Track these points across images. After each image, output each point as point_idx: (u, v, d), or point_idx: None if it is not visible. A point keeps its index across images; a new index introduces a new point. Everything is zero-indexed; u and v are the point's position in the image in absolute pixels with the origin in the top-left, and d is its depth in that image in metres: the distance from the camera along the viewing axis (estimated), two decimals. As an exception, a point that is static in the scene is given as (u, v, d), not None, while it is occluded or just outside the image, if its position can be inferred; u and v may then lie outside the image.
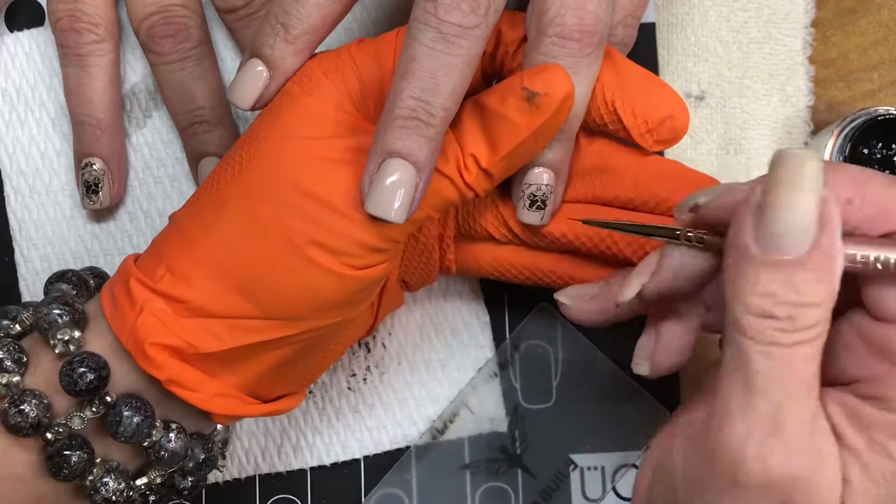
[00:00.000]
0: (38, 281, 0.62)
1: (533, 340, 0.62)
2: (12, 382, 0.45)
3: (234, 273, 0.46)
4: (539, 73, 0.45)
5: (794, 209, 0.38)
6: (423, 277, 0.56)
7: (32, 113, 0.62)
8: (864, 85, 0.64)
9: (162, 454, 0.47)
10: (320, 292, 0.46)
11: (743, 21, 0.64)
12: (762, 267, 0.39)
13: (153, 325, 0.46)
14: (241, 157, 0.47)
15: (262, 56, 0.49)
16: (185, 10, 0.59)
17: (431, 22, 0.43)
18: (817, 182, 0.38)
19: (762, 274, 0.39)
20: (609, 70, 0.49)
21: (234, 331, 0.46)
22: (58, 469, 0.45)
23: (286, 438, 0.61)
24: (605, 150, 0.53)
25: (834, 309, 0.41)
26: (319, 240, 0.45)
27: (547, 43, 0.47)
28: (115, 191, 0.60)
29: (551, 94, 0.45)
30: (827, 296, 0.39)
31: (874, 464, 0.40)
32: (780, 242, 0.38)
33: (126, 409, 0.46)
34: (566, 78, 0.45)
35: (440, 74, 0.43)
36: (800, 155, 0.38)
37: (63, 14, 0.59)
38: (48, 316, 0.46)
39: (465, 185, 0.46)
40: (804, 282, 0.38)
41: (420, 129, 0.43)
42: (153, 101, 0.62)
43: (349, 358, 0.62)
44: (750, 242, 0.39)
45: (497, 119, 0.46)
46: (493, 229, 0.54)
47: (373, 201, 0.44)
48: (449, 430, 0.61)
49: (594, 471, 0.61)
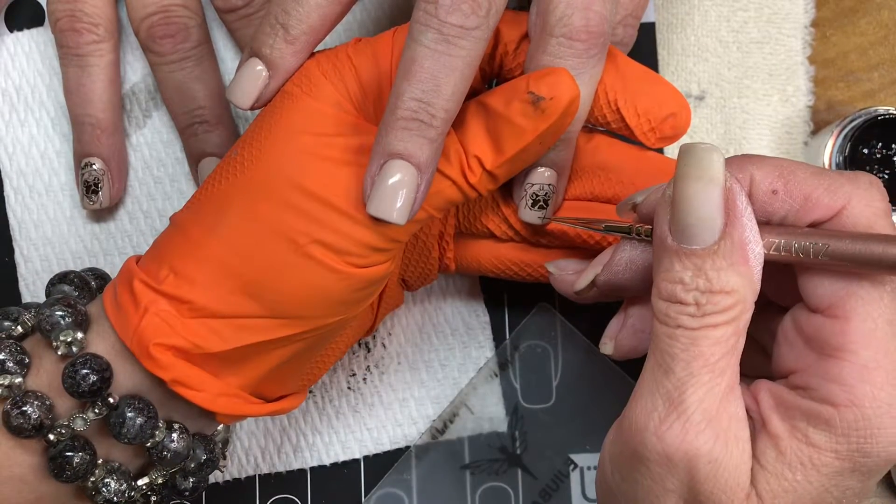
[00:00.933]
0: (38, 281, 0.62)
1: (533, 340, 0.62)
2: (14, 384, 0.45)
3: (237, 273, 0.46)
4: (544, 76, 0.45)
5: (697, 200, 0.40)
6: (423, 276, 0.57)
7: (32, 113, 0.62)
8: (864, 85, 0.64)
9: (164, 454, 0.47)
10: (323, 290, 0.46)
11: (743, 21, 0.64)
12: (675, 256, 0.41)
13: (157, 325, 0.46)
14: (243, 158, 0.47)
15: (262, 56, 0.48)
16: (185, 10, 0.59)
17: (432, 23, 0.43)
18: (719, 173, 0.40)
19: (675, 262, 0.41)
20: (611, 69, 0.49)
21: (238, 330, 0.46)
22: (60, 470, 0.45)
23: (286, 438, 0.61)
24: (603, 148, 0.53)
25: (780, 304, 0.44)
26: (322, 239, 0.45)
27: (553, 43, 0.47)
28: (115, 191, 0.60)
29: (557, 98, 0.45)
30: (741, 282, 0.40)
31: (792, 450, 0.41)
32: (690, 233, 0.41)
33: (129, 411, 0.46)
34: (571, 82, 0.45)
35: (441, 76, 0.43)
36: (701, 148, 0.40)
37: (63, 14, 0.59)
38: (51, 318, 0.46)
39: (468, 185, 0.47)
40: (714, 269, 0.40)
41: (422, 131, 0.43)
42: (153, 101, 0.62)
43: (349, 358, 0.62)
44: (666, 234, 0.41)
45: (502, 122, 0.46)
46: (493, 227, 0.54)
47: (375, 203, 0.44)
48: (449, 429, 0.61)
49: (594, 471, 0.60)
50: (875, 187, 0.42)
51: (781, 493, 0.41)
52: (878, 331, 0.41)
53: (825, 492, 0.41)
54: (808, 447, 0.41)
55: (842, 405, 0.40)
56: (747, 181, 0.43)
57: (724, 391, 0.41)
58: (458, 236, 0.56)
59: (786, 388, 0.43)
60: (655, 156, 0.53)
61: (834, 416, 0.40)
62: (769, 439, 0.42)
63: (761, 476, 0.41)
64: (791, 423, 0.41)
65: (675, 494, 0.42)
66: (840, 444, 0.40)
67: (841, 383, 0.41)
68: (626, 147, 0.53)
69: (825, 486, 0.41)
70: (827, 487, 0.41)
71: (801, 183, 0.42)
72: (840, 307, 0.41)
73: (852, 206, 0.42)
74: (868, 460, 0.41)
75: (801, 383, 0.42)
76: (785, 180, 0.42)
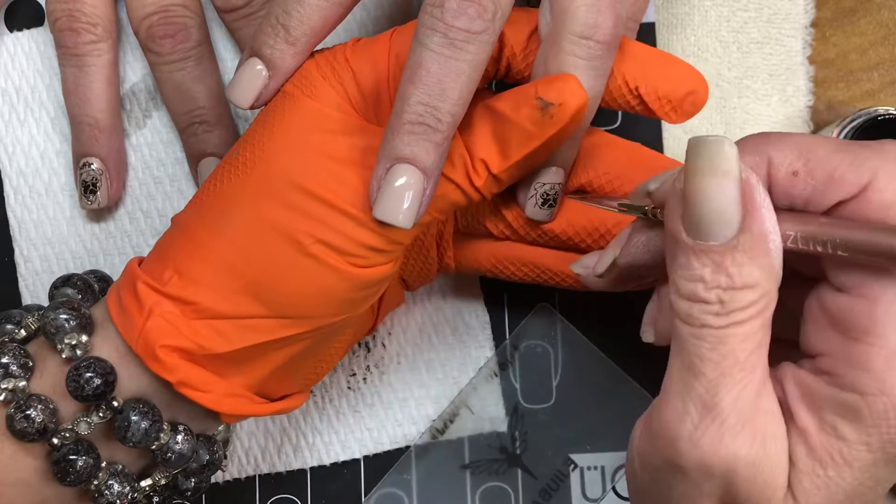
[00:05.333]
0: (38, 281, 0.62)
1: (533, 340, 0.62)
2: (18, 387, 0.45)
3: (241, 273, 0.46)
4: (553, 82, 0.45)
5: (713, 197, 0.38)
6: (422, 276, 0.57)
7: (32, 113, 0.62)
8: (864, 85, 0.64)
9: (169, 456, 0.47)
10: (327, 290, 0.46)
11: (743, 21, 0.64)
12: (692, 253, 0.39)
13: (162, 327, 0.46)
14: (245, 158, 0.47)
15: (262, 56, 0.48)
16: (185, 10, 0.59)
17: (438, 27, 0.43)
18: (733, 166, 0.38)
19: (692, 260, 0.39)
20: (629, 58, 0.49)
21: (243, 331, 0.46)
22: (64, 474, 0.45)
23: (286, 438, 0.61)
24: (595, 141, 0.53)
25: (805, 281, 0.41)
26: (325, 239, 0.45)
27: (566, 43, 0.46)
28: (114, 191, 0.60)
29: (565, 104, 0.45)
30: (763, 275, 0.38)
31: (822, 445, 0.39)
32: (706, 229, 0.38)
33: (134, 414, 0.46)
34: (580, 88, 0.45)
35: (447, 80, 0.43)
36: (712, 140, 0.38)
37: (61, 14, 0.59)
38: (55, 321, 0.46)
39: (473, 189, 0.47)
40: (735, 265, 0.38)
41: (428, 135, 0.43)
42: (153, 101, 0.62)
43: (349, 358, 0.62)
44: (679, 229, 0.39)
45: (510, 126, 0.46)
46: (491, 226, 0.54)
47: (381, 207, 0.44)
48: (449, 429, 0.61)
49: (594, 470, 0.61)
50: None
51: (814, 490, 0.39)
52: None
53: (859, 485, 0.39)
54: (837, 441, 0.39)
55: (870, 394, 0.38)
56: (765, 164, 0.41)
57: (758, 388, 0.39)
58: (457, 236, 0.56)
59: (811, 374, 0.40)
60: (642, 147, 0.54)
61: (862, 406, 0.38)
62: (798, 434, 0.40)
63: (793, 474, 0.40)
64: (819, 416, 0.39)
65: (711, 497, 0.40)
66: (871, 437, 0.38)
67: (868, 370, 0.38)
68: (613, 138, 0.54)
69: (858, 480, 0.39)
70: (861, 480, 0.39)
71: (822, 161, 0.40)
72: (867, 287, 0.39)
73: (878, 181, 0.39)
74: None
75: (826, 368, 0.40)
76: (805, 159, 0.40)
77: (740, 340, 0.39)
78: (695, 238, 0.39)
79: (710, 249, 0.38)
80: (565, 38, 0.46)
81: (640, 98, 0.49)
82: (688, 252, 0.39)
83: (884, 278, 0.39)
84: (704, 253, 0.39)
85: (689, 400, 0.39)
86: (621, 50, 0.49)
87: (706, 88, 0.50)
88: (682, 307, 0.39)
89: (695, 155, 0.39)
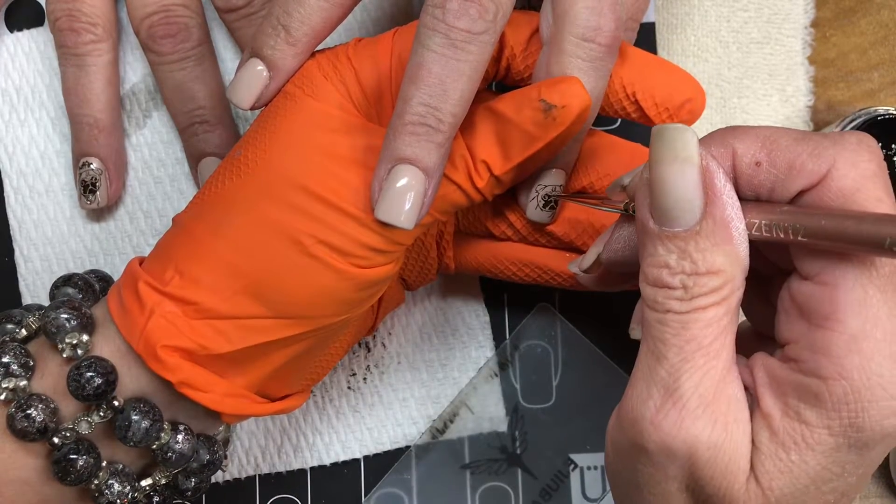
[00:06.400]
0: (38, 281, 0.62)
1: (533, 340, 0.62)
2: (19, 387, 0.45)
3: (243, 273, 0.46)
4: (556, 84, 0.45)
5: (674, 182, 0.39)
6: (422, 275, 0.57)
7: (32, 113, 0.62)
8: (864, 85, 0.64)
9: (169, 455, 0.47)
10: (328, 291, 0.46)
11: (743, 21, 0.64)
12: (658, 240, 0.40)
13: (164, 327, 0.46)
14: (247, 158, 0.47)
15: (263, 56, 0.48)
16: (186, 10, 0.59)
17: (440, 28, 0.43)
18: (693, 153, 0.39)
19: (658, 246, 0.40)
20: (627, 63, 0.49)
21: (244, 331, 0.46)
22: (64, 474, 0.45)
23: (286, 438, 0.61)
24: (595, 143, 0.53)
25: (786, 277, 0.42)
26: (327, 240, 0.45)
27: (568, 46, 0.47)
28: (113, 190, 0.60)
29: (568, 107, 0.45)
30: (727, 262, 0.39)
31: (784, 429, 0.40)
32: (671, 216, 0.40)
33: (134, 414, 0.46)
34: (583, 91, 0.45)
35: (449, 80, 0.43)
36: (673, 128, 0.39)
37: (61, 14, 0.59)
38: (56, 320, 0.46)
39: (474, 190, 0.47)
40: (698, 250, 0.39)
41: (429, 136, 0.43)
42: (153, 101, 0.62)
43: (349, 358, 0.62)
44: (647, 217, 0.40)
45: (512, 128, 0.46)
46: (492, 226, 0.54)
47: (383, 207, 0.44)
48: (449, 429, 0.61)
49: (594, 470, 0.61)
50: (864, 146, 0.40)
51: (777, 474, 0.40)
52: (868, 298, 0.39)
53: (823, 469, 0.40)
54: (800, 425, 0.39)
55: (830, 378, 0.39)
56: (729, 155, 0.41)
57: (721, 373, 0.40)
58: (457, 236, 0.56)
59: (779, 361, 0.41)
60: (643, 148, 0.54)
61: (823, 390, 0.39)
62: (762, 419, 0.40)
63: (756, 457, 0.40)
64: (783, 401, 0.40)
65: (675, 480, 0.41)
66: (832, 420, 0.39)
67: (829, 355, 0.39)
68: (614, 139, 0.54)
69: (822, 464, 0.39)
70: (824, 465, 0.40)
71: (783, 151, 0.41)
72: (829, 274, 0.40)
73: (837, 169, 0.40)
74: (862, 434, 0.39)
75: (792, 355, 0.40)
76: (768, 150, 0.41)
77: (703, 326, 0.39)
78: (661, 225, 0.40)
79: (675, 236, 0.40)
80: (567, 40, 0.47)
81: (637, 104, 0.50)
82: (654, 239, 0.40)
83: (844, 264, 0.39)
84: (669, 239, 0.40)
85: (652, 384, 0.40)
86: (620, 55, 0.49)
87: (703, 97, 0.50)
88: (648, 293, 0.41)
89: (658, 142, 0.40)
